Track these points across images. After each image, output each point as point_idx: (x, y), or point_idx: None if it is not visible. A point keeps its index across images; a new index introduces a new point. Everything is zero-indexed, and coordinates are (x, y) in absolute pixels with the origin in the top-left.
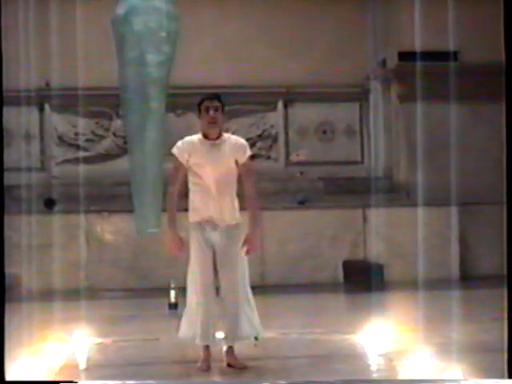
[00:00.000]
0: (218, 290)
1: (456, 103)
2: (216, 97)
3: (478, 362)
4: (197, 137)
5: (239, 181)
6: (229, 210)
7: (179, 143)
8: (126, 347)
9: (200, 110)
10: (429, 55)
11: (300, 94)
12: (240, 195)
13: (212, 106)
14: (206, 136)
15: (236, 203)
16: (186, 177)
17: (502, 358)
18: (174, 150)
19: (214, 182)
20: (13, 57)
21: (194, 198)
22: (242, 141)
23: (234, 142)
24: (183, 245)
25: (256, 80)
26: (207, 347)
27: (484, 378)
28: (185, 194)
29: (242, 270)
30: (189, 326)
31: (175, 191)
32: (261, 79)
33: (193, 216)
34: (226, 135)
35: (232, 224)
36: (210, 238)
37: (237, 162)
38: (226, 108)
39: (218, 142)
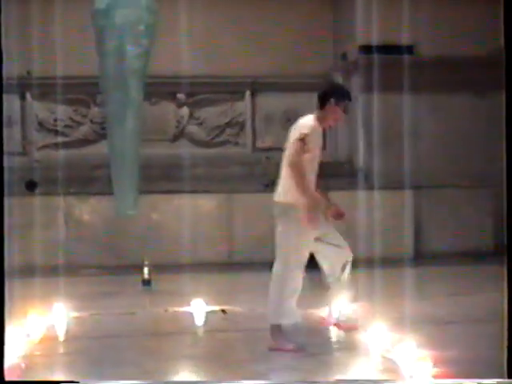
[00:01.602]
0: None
1: (411, 94)
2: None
3: (431, 334)
4: (313, 121)
5: None
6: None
7: (309, 125)
8: (103, 321)
9: (337, 103)
10: (386, 49)
11: (266, 84)
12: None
13: (347, 107)
14: (322, 124)
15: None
16: None
17: (454, 330)
18: (306, 131)
19: (316, 166)
20: None
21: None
22: None
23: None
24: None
25: (225, 71)
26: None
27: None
28: None
29: None
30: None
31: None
32: (230, 70)
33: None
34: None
35: None
36: None
37: None
38: (198, 97)
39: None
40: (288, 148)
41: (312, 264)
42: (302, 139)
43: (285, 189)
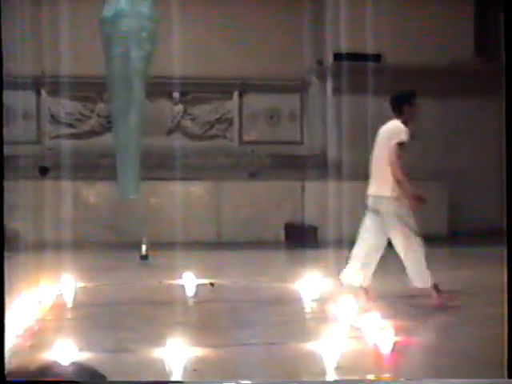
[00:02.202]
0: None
1: (377, 96)
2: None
3: (393, 306)
4: (403, 125)
5: None
6: None
7: (404, 131)
8: (106, 290)
9: (411, 104)
10: (356, 57)
11: (252, 85)
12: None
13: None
14: (407, 126)
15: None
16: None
17: (413, 303)
18: (404, 136)
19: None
20: (13, 49)
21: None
22: None
23: None
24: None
25: (216, 73)
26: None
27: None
28: None
29: None
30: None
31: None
32: (220, 73)
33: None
34: None
35: None
36: None
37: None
38: (192, 96)
39: None
40: (384, 149)
41: (289, 245)
42: (401, 144)
43: (382, 184)
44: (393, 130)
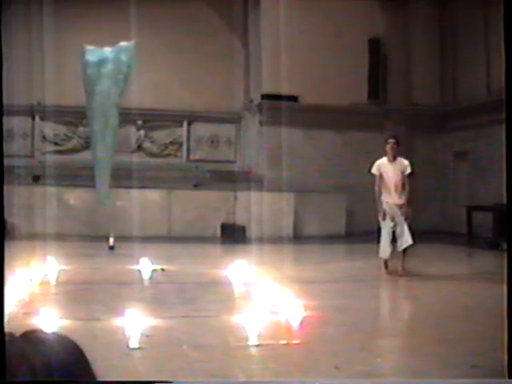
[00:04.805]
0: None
1: (294, 128)
2: (394, 138)
3: (303, 289)
4: (382, 159)
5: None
6: (398, 197)
7: (376, 165)
8: (81, 272)
9: (387, 144)
10: (279, 97)
11: (197, 116)
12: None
13: (392, 143)
14: (388, 158)
15: (404, 194)
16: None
17: (319, 287)
18: (374, 169)
19: (392, 185)
20: (15, 84)
21: (383, 191)
22: (406, 162)
23: (401, 162)
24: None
25: (171, 107)
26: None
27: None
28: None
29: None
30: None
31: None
32: (174, 106)
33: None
34: (398, 158)
35: (400, 203)
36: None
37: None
38: (151, 123)
39: (394, 162)
40: None
41: (223, 240)
42: (373, 175)
43: None
44: None
